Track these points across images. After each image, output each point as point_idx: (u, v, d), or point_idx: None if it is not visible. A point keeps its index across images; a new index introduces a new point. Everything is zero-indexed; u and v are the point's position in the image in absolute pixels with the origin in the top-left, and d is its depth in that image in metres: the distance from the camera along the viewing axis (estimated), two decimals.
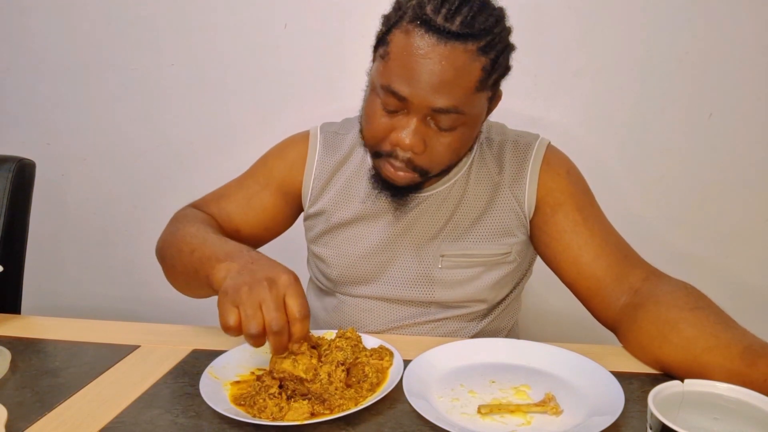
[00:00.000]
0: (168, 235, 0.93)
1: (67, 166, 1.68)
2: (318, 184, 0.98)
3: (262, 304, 0.64)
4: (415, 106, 0.75)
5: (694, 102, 1.40)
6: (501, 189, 0.91)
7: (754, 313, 1.49)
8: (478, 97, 0.77)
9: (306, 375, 0.68)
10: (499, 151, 0.93)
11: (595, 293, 0.85)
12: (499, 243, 0.91)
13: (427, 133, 0.78)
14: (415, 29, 0.73)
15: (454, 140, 0.79)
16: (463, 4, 0.73)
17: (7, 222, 1.13)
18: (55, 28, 1.59)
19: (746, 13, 1.34)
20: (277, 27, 1.49)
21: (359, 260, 0.94)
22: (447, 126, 0.77)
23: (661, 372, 0.75)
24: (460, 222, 0.92)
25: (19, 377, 0.77)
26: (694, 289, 0.77)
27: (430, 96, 0.73)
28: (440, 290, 0.92)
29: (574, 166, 0.94)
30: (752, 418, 0.54)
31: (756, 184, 1.43)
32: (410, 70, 0.73)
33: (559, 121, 1.44)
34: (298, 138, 1.02)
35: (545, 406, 0.65)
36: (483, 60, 0.74)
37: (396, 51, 0.74)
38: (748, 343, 0.66)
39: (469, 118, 0.78)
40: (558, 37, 1.39)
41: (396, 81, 0.74)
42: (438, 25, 0.71)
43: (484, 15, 0.74)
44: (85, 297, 1.79)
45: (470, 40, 0.72)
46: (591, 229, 0.87)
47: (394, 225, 0.93)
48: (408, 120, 0.77)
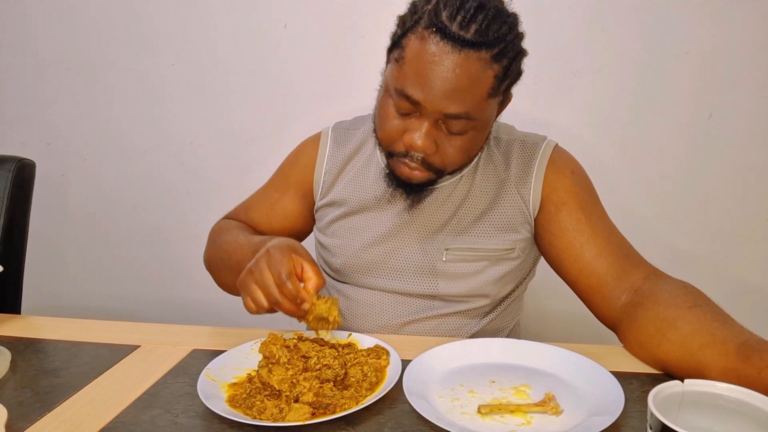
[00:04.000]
0: (209, 249, 1.03)
1: (67, 166, 1.68)
2: (329, 177, 1.00)
3: (262, 282, 0.74)
4: (428, 110, 0.77)
5: (694, 102, 1.40)
6: (507, 186, 0.93)
7: (754, 312, 1.49)
8: (489, 103, 0.79)
9: (279, 386, 0.69)
10: (506, 150, 0.95)
11: (596, 291, 0.86)
12: (504, 238, 0.92)
13: (438, 135, 0.80)
14: (430, 36, 0.74)
15: (465, 143, 0.81)
16: (479, 11, 0.73)
17: (7, 222, 1.13)
18: (55, 28, 1.59)
19: (746, 13, 1.33)
20: (277, 27, 1.49)
21: (363, 250, 0.95)
22: (457, 130, 0.79)
23: (661, 371, 0.75)
24: (466, 216, 0.93)
25: (19, 377, 0.77)
26: (693, 288, 0.78)
27: (442, 102, 0.75)
28: (444, 283, 0.93)
29: (580, 167, 0.95)
30: (752, 418, 0.54)
31: (756, 184, 1.43)
32: (424, 77, 0.74)
33: (559, 120, 1.44)
34: (310, 141, 1.06)
35: (545, 406, 0.65)
36: (496, 67, 0.75)
37: (411, 56, 0.76)
38: (744, 339, 0.66)
39: (480, 123, 0.80)
40: (558, 37, 1.39)
41: (410, 86, 0.76)
42: (453, 33, 0.72)
43: (498, 23, 0.75)
44: (85, 297, 1.79)
45: (484, 48, 0.73)
46: (593, 228, 0.88)
47: (400, 216, 0.94)
48: (420, 123, 0.78)
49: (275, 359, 0.73)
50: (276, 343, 0.74)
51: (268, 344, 0.75)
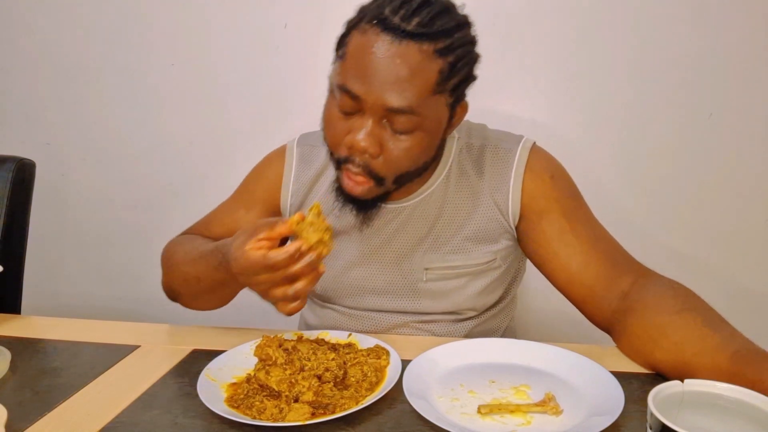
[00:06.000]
0: (167, 272, 0.96)
1: (67, 166, 1.68)
2: (296, 200, 0.97)
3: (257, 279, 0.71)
4: (369, 105, 0.74)
5: (693, 102, 1.40)
6: (482, 196, 0.89)
7: (753, 314, 1.49)
8: (436, 100, 0.76)
9: (278, 387, 0.69)
10: (479, 157, 0.90)
11: (586, 300, 0.85)
12: (483, 251, 0.90)
13: (383, 135, 0.76)
14: (371, 28, 0.73)
15: (413, 145, 0.77)
16: (423, 6, 0.73)
17: (7, 222, 1.13)
18: (55, 28, 1.59)
19: (746, 13, 1.33)
20: (277, 27, 1.49)
21: (341, 275, 0.94)
22: (403, 128, 0.75)
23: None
24: (442, 233, 0.90)
25: (19, 377, 0.77)
26: (682, 289, 0.77)
27: (383, 94, 0.72)
28: (427, 301, 0.92)
29: (560, 168, 0.92)
30: (752, 418, 0.54)
31: (756, 184, 1.43)
32: (364, 69, 0.73)
33: (558, 121, 1.44)
34: (274, 155, 1.01)
35: (545, 406, 0.65)
36: (440, 62, 0.73)
37: (352, 50, 0.75)
38: (735, 348, 0.66)
39: (427, 122, 0.76)
40: (558, 38, 1.39)
41: (350, 79, 0.74)
42: (394, 25, 0.71)
43: (444, 18, 0.73)
44: (85, 297, 1.79)
45: (426, 40, 0.72)
46: (578, 236, 0.85)
47: (375, 237, 0.91)
48: (363, 121, 0.75)
49: (272, 361, 0.73)
50: (271, 345, 0.74)
51: (263, 347, 0.74)
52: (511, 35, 1.39)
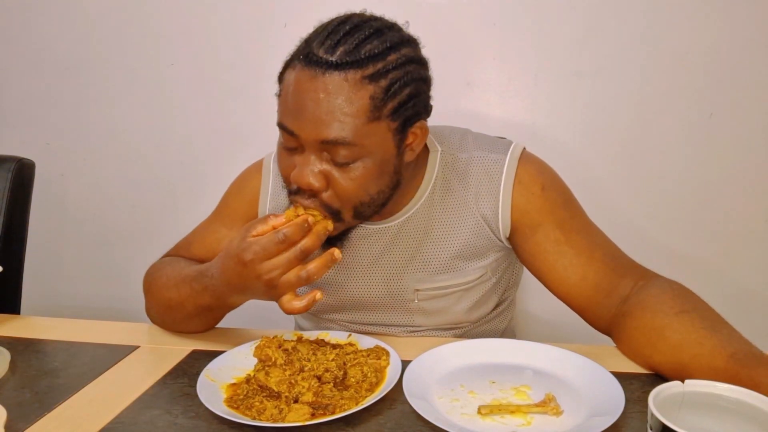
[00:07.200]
0: (149, 298, 0.94)
1: (67, 166, 1.68)
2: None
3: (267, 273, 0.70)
4: (304, 140, 0.73)
5: (694, 102, 1.40)
6: (468, 211, 0.87)
7: (753, 314, 1.49)
8: (375, 127, 0.73)
9: (278, 388, 0.69)
10: (465, 169, 0.87)
11: (587, 308, 0.84)
12: (473, 268, 0.89)
13: (327, 170, 0.75)
14: (298, 64, 0.74)
15: (360, 175, 0.75)
16: (351, 33, 0.72)
17: (7, 222, 1.13)
18: (55, 28, 1.59)
19: (747, 13, 1.33)
20: (277, 27, 1.49)
21: (330, 295, 0.93)
22: (345, 160, 0.74)
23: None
24: (430, 253, 0.88)
25: (18, 377, 0.77)
26: (680, 290, 0.77)
27: (315, 128, 0.72)
28: (420, 318, 0.92)
29: (551, 176, 0.89)
30: (752, 418, 0.54)
31: (756, 184, 1.43)
32: (294, 105, 0.73)
33: (559, 120, 1.44)
34: (252, 170, 1.00)
35: (545, 407, 0.65)
36: (370, 88, 0.71)
37: (284, 88, 0.76)
38: (733, 350, 0.65)
39: (368, 151, 0.74)
40: (559, 37, 1.39)
41: (285, 117, 0.75)
42: (317, 58, 0.71)
43: (373, 42, 0.72)
44: (85, 297, 1.79)
45: (352, 68, 0.71)
46: (575, 247, 0.84)
47: (361, 259, 0.90)
48: (304, 157, 0.75)
49: (271, 362, 0.72)
50: (271, 346, 0.74)
51: (262, 347, 0.74)
52: (512, 35, 1.39)
